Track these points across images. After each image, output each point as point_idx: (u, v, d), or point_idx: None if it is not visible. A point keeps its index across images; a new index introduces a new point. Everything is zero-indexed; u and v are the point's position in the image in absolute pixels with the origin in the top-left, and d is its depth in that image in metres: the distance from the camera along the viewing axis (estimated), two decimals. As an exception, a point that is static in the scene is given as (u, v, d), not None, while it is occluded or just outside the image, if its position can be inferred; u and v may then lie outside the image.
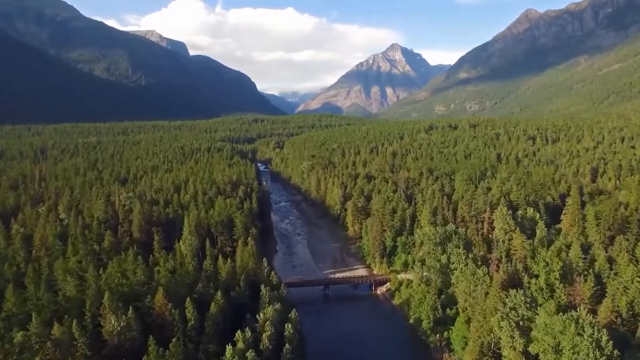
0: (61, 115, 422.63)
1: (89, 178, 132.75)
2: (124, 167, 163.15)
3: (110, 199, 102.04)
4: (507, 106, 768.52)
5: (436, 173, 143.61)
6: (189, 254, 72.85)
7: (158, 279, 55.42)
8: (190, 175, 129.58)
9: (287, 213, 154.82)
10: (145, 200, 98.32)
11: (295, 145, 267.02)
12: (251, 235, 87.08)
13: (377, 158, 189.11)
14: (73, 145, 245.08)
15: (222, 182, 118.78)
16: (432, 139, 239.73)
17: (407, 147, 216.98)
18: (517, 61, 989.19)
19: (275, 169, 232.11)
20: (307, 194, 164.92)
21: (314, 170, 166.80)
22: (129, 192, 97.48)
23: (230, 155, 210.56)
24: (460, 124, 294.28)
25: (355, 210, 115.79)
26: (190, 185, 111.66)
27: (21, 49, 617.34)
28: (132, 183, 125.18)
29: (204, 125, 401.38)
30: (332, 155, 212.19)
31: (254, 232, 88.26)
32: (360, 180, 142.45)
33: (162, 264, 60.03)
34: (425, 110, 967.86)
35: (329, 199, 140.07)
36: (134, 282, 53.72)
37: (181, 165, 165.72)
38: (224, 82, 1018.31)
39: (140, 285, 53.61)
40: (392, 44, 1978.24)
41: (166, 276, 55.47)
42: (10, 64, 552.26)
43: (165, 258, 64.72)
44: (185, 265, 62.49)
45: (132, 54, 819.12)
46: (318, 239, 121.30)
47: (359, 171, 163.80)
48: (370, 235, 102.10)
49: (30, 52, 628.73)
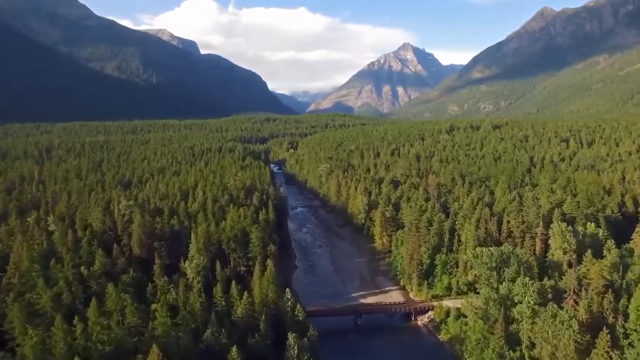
0: (72, 113, 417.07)
1: (90, 181, 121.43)
2: (129, 169, 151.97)
3: (109, 206, 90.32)
4: (522, 106, 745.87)
5: (469, 178, 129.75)
6: (195, 280, 60.52)
7: (154, 327, 42.94)
8: (200, 179, 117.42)
9: (304, 220, 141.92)
10: (147, 209, 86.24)
11: (310, 145, 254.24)
12: (270, 253, 74.57)
13: (400, 161, 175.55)
14: (79, 144, 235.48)
15: (235, 187, 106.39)
16: (455, 140, 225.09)
17: (431, 148, 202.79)
18: (533, 60, 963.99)
19: (289, 171, 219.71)
20: (326, 199, 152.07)
21: (333, 174, 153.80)
22: (129, 200, 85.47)
23: (243, 156, 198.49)
24: (483, 125, 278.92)
25: (384, 221, 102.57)
26: (199, 192, 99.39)
27: (33, 48, 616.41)
28: (136, 187, 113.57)
29: (214, 125, 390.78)
30: (350, 157, 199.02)
31: (272, 249, 75.62)
32: (385, 186, 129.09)
33: (161, 301, 47.29)
34: (438, 110, 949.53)
35: (351, 206, 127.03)
36: (119, 335, 41.28)
37: (190, 168, 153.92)
38: (235, 81, 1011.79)
39: (131, 336, 41.35)
40: (403, 44, 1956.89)
41: (164, 325, 42.91)
42: (22, 62, 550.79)
43: (166, 290, 52.31)
44: (190, 304, 49.71)
45: (143, 53, 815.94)
46: (341, 252, 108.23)
47: (382, 175, 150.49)
48: (404, 252, 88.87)
49: (42, 51, 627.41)
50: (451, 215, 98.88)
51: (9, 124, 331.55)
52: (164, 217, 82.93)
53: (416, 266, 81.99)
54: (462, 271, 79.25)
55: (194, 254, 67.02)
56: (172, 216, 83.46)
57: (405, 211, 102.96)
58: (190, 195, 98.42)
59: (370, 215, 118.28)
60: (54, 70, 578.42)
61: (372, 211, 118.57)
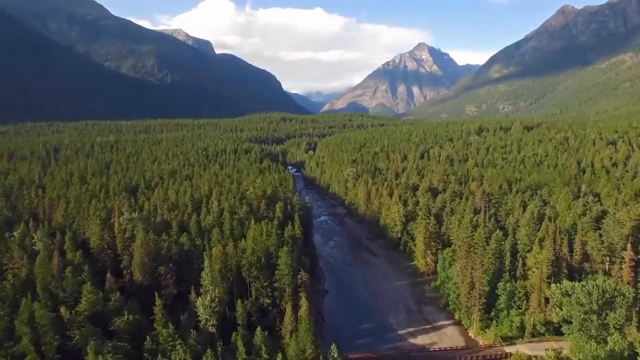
0: (87, 112, 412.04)
1: (92, 186, 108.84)
2: (137, 172, 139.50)
3: (110, 218, 77.16)
4: (543, 107, 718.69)
5: (516, 186, 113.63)
6: (210, 323, 46.56)
7: None
8: (214, 185, 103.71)
9: (330, 231, 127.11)
10: (153, 223, 72.74)
11: (330, 147, 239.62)
12: (301, 282, 60.19)
13: (432, 164, 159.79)
14: (89, 144, 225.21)
15: (254, 195, 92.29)
16: (487, 142, 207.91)
17: (463, 151, 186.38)
18: (553, 60, 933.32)
19: (309, 174, 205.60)
20: (353, 206, 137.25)
21: (361, 180, 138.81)
22: (132, 212, 71.97)
23: (260, 158, 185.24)
24: (513, 126, 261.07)
25: (427, 236, 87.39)
26: (213, 201, 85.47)
27: (51, 48, 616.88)
28: (142, 194, 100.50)
29: (229, 124, 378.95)
30: (375, 160, 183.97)
31: (304, 277, 61.00)
32: (422, 195, 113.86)
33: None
34: (456, 111, 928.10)
35: (384, 216, 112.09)
36: None
37: (203, 171, 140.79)
38: (250, 80, 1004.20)
39: None
40: (419, 43, 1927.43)
41: None
42: (40, 62, 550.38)
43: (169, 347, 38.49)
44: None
45: (158, 52, 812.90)
46: (376, 272, 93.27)
47: (414, 180, 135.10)
48: (457, 278, 73.72)
49: (59, 51, 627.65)
50: (509, 232, 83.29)
51: (20, 124, 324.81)
52: (172, 234, 69.23)
53: (478, 298, 66.58)
54: (536, 306, 63.79)
55: (208, 286, 53.12)
56: (182, 233, 69.74)
57: (452, 226, 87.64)
58: (204, 205, 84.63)
59: (407, 229, 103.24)
60: (70, 70, 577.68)
61: (409, 224, 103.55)
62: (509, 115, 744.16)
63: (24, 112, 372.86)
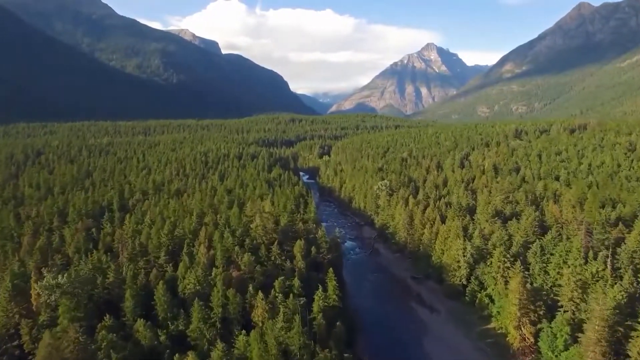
0: (90, 112, 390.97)
1: (48, 206, 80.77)
2: (117, 184, 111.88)
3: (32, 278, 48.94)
4: (560, 108, 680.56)
5: (617, 211, 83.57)
6: None
7: None
8: (208, 209, 74.97)
9: (360, 265, 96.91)
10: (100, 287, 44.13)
11: (347, 151, 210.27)
12: None
13: (473, 173, 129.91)
14: (77, 147, 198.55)
15: (263, 232, 63.16)
16: (535, 147, 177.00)
17: (511, 159, 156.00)
18: (569, 59, 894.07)
19: (325, 184, 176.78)
20: (386, 229, 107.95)
21: (398, 197, 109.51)
22: (55, 278, 42.89)
23: (268, 165, 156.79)
24: (552, 128, 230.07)
25: (524, 298, 57.70)
26: (201, 243, 56.66)
27: (55, 47, 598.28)
28: (108, 223, 72.27)
29: (234, 125, 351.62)
30: (406, 168, 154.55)
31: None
32: (487, 222, 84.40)
33: None
34: (467, 112, 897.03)
35: (437, 250, 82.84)
36: None
37: (199, 184, 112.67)
38: (257, 81, 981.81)
39: None
40: (427, 44, 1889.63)
41: None
42: (45, 62, 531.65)
43: None
44: None
45: (164, 52, 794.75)
46: (441, 342, 63.72)
47: (465, 199, 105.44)
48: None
49: (63, 50, 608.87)
50: None
51: (13, 124, 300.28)
52: (125, 318, 40.63)
53: None
54: None
55: None
56: (142, 314, 41.12)
57: (562, 280, 58.07)
58: (186, 250, 55.79)
59: (475, 274, 73.91)
60: (75, 70, 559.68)
61: (479, 265, 74.29)
62: (523, 116, 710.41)
63: (24, 112, 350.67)
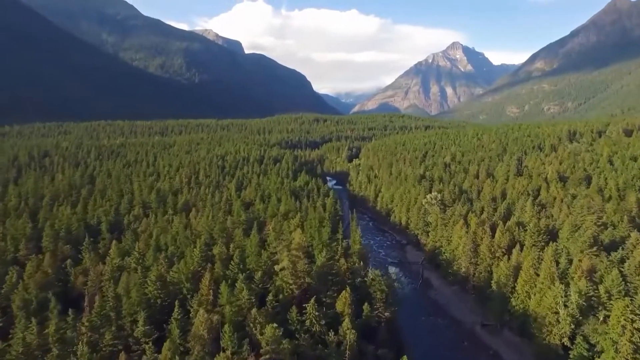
0: (111, 112, 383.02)
1: (16, 227, 63.83)
2: (117, 194, 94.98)
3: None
4: (596, 107, 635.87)
5: None
6: None
7: None
8: (220, 237, 56.25)
9: (411, 303, 74.91)
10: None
11: (379, 154, 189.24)
12: None
13: (534, 182, 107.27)
14: (87, 149, 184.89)
15: (291, 276, 42.94)
16: (601, 152, 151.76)
17: (579, 166, 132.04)
18: (604, 56, 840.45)
19: (356, 191, 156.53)
20: (441, 256, 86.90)
21: (453, 214, 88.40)
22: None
23: (294, 171, 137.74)
24: (610, 128, 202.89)
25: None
26: (204, 289, 37.74)
27: (80, 47, 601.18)
28: (89, 251, 54.57)
29: (256, 125, 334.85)
30: (452, 175, 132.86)
31: None
32: (585, 254, 62.93)
33: None
34: (495, 112, 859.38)
35: (520, 292, 61.89)
36: None
37: (213, 195, 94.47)
38: (279, 80, 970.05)
39: None
40: (452, 43, 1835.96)
41: None
42: (66, 62, 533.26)
43: None
44: None
45: (187, 51, 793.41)
46: None
47: (531, 215, 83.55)
48: None
49: (88, 50, 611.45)
50: None
51: (28, 124, 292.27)
52: None
53: None
54: None
55: None
56: None
57: None
58: (177, 312, 36.42)
59: (583, 330, 52.66)
60: (99, 70, 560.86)
61: (587, 320, 52.96)
62: (555, 116, 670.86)
63: (47, 112, 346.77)
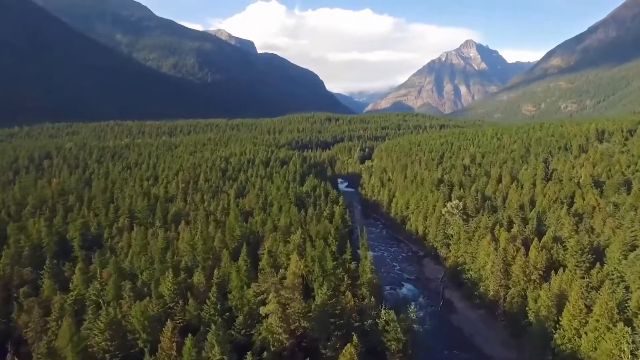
0: (124, 112, 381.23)
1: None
2: (104, 203, 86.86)
3: None
4: (617, 105, 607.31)
5: None
6: None
7: None
8: (204, 261, 46.80)
9: (431, 332, 65.14)
10: None
11: (393, 155, 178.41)
12: None
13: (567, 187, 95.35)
14: (89, 150, 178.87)
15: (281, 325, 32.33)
16: (635, 152, 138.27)
17: (615, 169, 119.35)
18: (624, 52, 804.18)
19: (369, 196, 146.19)
20: (465, 274, 76.27)
21: (478, 226, 77.66)
22: None
23: (301, 175, 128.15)
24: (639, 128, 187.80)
25: None
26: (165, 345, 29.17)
27: (94, 48, 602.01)
28: (49, 277, 45.99)
29: (266, 125, 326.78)
30: (473, 180, 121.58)
31: None
32: None
33: None
34: (511, 110, 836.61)
35: (568, 329, 51.28)
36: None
37: (210, 203, 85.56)
38: (292, 80, 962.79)
39: None
40: (466, 40, 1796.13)
41: None
42: (82, 63, 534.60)
43: None
44: None
45: (199, 51, 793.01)
46: None
47: (569, 229, 72.33)
48: None
49: (101, 51, 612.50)
50: None
51: (36, 125, 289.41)
52: None
53: None
54: None
55: None
56: None
57: None
58: None
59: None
60: (112, 70, 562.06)
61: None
62: (573, 115, 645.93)
63: (60, 113, 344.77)
